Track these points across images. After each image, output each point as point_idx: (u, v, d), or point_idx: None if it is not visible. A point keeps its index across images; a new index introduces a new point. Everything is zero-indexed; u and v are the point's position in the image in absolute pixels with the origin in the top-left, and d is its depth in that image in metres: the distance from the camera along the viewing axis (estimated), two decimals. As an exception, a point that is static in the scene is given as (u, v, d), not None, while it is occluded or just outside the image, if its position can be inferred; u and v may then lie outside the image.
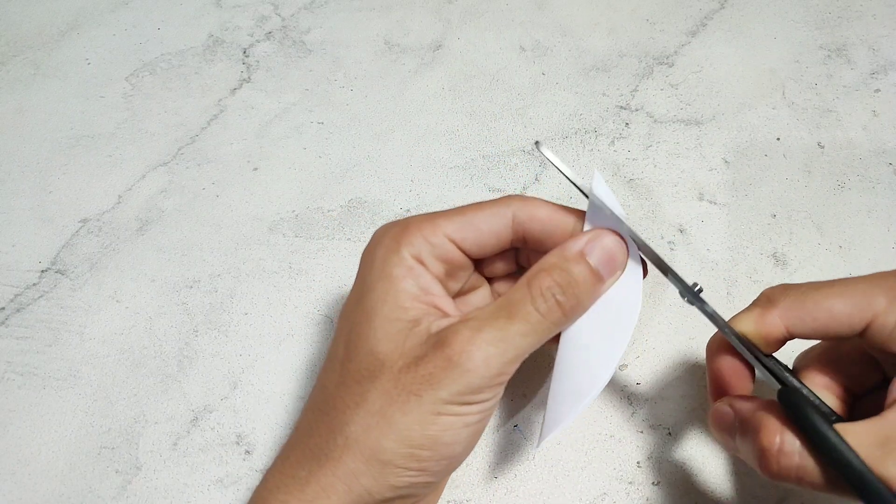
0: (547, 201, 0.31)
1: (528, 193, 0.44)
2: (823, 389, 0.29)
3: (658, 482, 0.34)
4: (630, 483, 0.34)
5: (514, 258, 0.33)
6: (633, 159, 0.45)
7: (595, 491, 0.34)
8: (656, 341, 0.38)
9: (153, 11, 0.55)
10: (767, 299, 0.28)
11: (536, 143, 0.29)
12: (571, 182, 0.29)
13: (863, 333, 0.27)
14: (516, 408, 0.36)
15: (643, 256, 0.30)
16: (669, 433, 0.35)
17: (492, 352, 0.26)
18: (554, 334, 0.29)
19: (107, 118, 0.49)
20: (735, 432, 0.27)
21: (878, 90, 0.47)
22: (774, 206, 0.42)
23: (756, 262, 0.40)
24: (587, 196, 0.30)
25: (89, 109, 0.50)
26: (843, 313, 0.27)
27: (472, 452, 0.35)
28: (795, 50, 0.49)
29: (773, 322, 0.28)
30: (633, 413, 0.36)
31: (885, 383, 0.29)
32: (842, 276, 0.39)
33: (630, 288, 0.29)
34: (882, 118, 0.45)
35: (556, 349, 0.30)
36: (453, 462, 0.29)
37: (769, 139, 0.45)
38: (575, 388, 0.29)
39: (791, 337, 0.28)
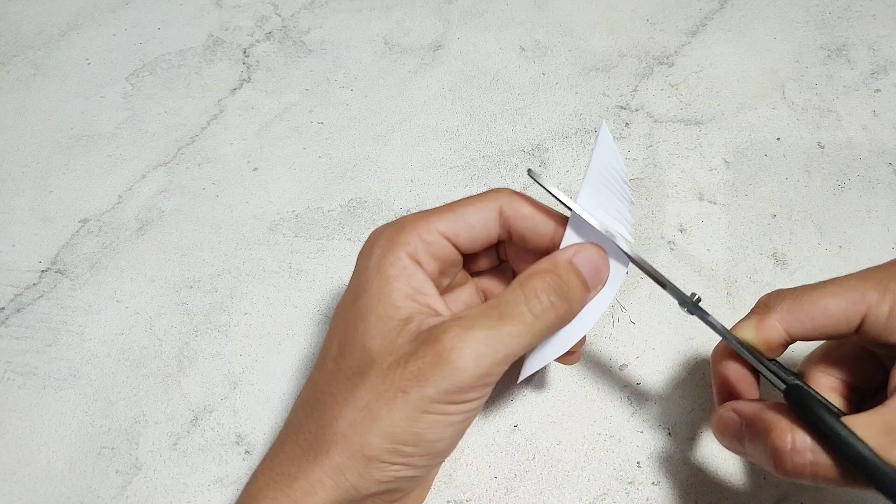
0: (532, 199, 0.31)
1: (528, 193, 0.44)
2: (829, 391, 0.29)
3: (658, 482, 0.34)
4: (630, 483, 0.34)
5: (496, 253, 0.33)
6: (634, 159, 0.45)
7: (595, 491, 0.34)
8: (656, 341, 0.38)
9: (153, 11, 0.55)
10: (764, 305, 0.29)
11: (529, 171, 0.30)
12: (560, 201, 0.30)
13: (859, 329, 0.27)
14: (516, 408, 0.36)
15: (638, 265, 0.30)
16: (669, 433, 0.35)
17: (482, 350, 0.26)
18: (544, 338, 0.29)
19: (107, 118, 0.49)
20: (742, 436, 0.28)
21: (878, 90, 0.47)
22: (774, 206, 0.42)
23: (756, 262, 0.40)
24: (569, 210, 0.30)
25: (89, 109, 0.50)
26: (838, 310, 0.27)
27: (473, 452, 0.35)
28: (795, 50, 0.49)
29: (773, 326, 0.28)
30: (633, 413, 0.36)
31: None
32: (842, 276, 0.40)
33: (615, 261, 0.30)
34: (882, 118, 0.45)
35: None
36: (438, 457, 0.29)
37: (769, 139, 0.45)
38: (554, 342, 0.30)
39: (792, 340, 0.28)
